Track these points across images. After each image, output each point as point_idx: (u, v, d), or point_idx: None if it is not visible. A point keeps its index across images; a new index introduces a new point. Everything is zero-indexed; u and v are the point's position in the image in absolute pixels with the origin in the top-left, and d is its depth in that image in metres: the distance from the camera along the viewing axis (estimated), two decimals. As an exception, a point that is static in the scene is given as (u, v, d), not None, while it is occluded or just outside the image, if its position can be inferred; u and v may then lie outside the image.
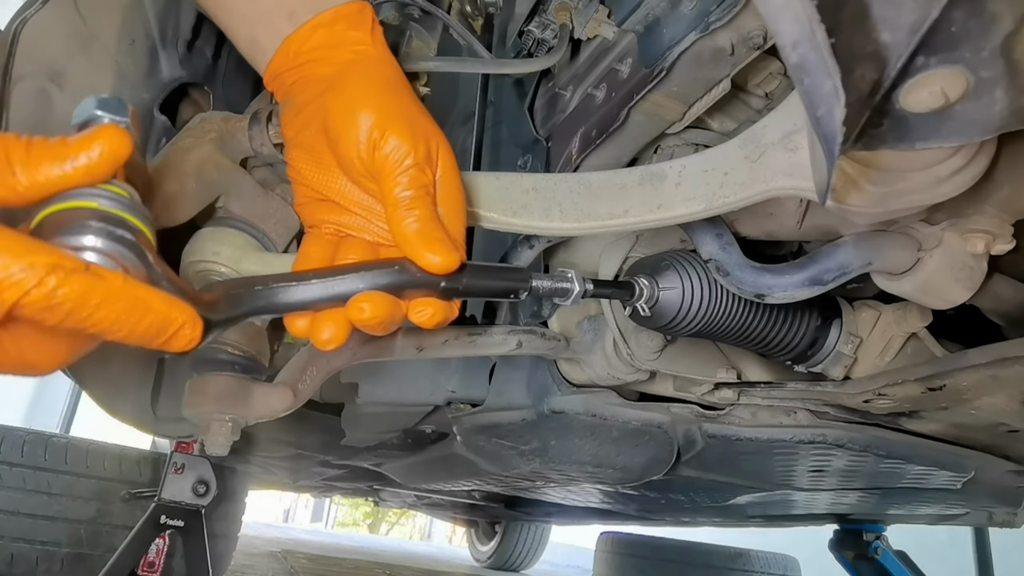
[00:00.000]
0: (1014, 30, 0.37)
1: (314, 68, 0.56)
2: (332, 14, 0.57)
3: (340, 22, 0.57)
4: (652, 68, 0.65)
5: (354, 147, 0.52)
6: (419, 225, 0.51)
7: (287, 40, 0.56)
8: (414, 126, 0.53)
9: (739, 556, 3.05)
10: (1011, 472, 1.05)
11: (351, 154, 0.52)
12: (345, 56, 0.56)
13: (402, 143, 0.52)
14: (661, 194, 0.62)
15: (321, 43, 0.56)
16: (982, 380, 0.71)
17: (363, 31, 0.57)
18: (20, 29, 0.69)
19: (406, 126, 0.52)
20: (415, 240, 0.50)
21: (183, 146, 0.78)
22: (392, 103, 0.54)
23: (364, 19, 0.58)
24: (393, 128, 0.52)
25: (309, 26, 0.56)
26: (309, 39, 0.56)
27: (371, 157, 0.52)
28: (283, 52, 0.57)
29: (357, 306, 0.49)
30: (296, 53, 0.56)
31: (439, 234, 0.51)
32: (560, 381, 0.95)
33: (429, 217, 0.51)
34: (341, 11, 0.57)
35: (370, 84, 0.54)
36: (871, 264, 0.67)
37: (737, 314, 0.77)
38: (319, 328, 0.50)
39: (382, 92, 0.54)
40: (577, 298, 0.59)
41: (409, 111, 0.54)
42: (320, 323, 0.50)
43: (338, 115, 0.53)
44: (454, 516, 4.38)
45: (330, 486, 2.87)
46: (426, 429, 1.34)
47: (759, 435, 0.96)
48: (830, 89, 0.35)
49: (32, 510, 1.90)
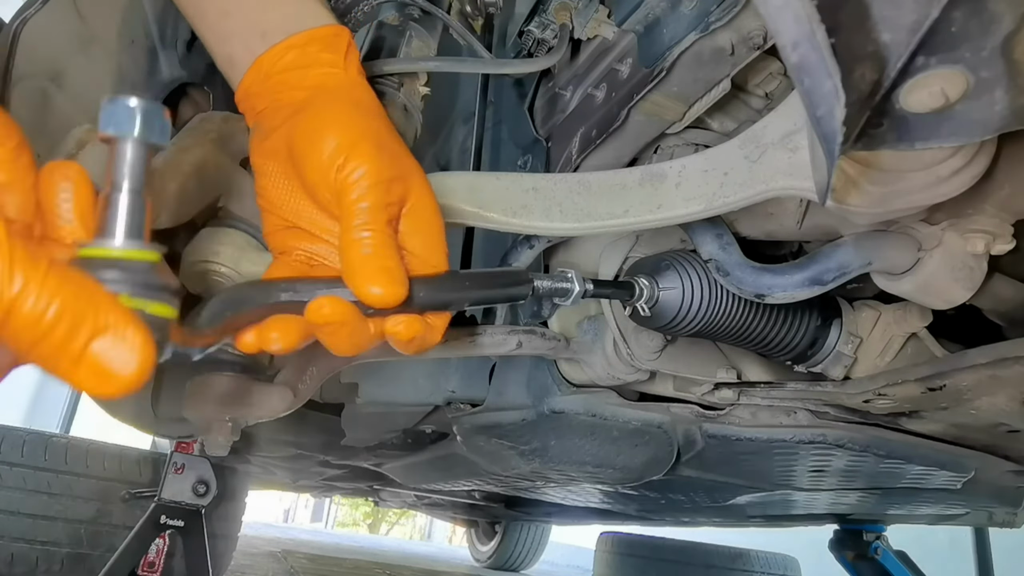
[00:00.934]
0: (1014, 30, 0.37)
1: (284, 91, 0.55)
2: (306, 36, 0.56)
3: (314, 44, 0.56)
4: (652, 68, 0.65)
5: (319, 171, 0.50)
6: (367, 249, 0.48)
7: (259, 59, 0.55)
8: (381, 150, 0.51)
9: (739, 556, 3.05)
10: (1011, 472, 1.05)
11: (315, 178, 0.50)
12: (315, 78, 0.55)
13: (365, 164, 0.49)
14: (661, 194, 0.62)
15: (293, 64, 0.55)
16: (982, 380, 0.71)
17: (337, 54, 0.56)
18: (20, 29, 0.69)
19: (372, 148, 0.50)
20: (357, 267, 0.47)
21: (183, 146, 0.78)
22: (359, 125, 0.52)
23: (339, 42, 0.57)
24: (358, 150, 0.50)
25: (282, 46, 0.55)
26: (281, 59, 0.55)
27: (335, 180, 0.49)
28: (255, 71, 0.56)
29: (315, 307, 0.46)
30: (267, 73, 0.55)
31: (386, 261, 0.48)
32: (560, 381, 0.95)
33: (380, 241, 0.48)
34: (316, 33, 0.56)
35: (338, 107, 0.53)
36: (871, 264, 0.67)
37: (737, 314, 0.77)
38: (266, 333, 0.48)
39: (349, 115, 0.52)
40: (577, 298, 0.59)
41: (379, 134, 0.52)
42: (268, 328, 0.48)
43: (304, 137, 0.51)
44: (454, 516, 4.38)
45: (330, 486, 2.87)
46: (426, 429, 1.34)
47: (759, 435, 0.96)
48: (830, 89, 0.35)
49: (32, 510, 1.90)
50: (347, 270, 0.47)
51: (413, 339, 0.51)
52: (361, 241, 0.48)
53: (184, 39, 0.87)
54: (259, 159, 0.56)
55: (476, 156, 1.00)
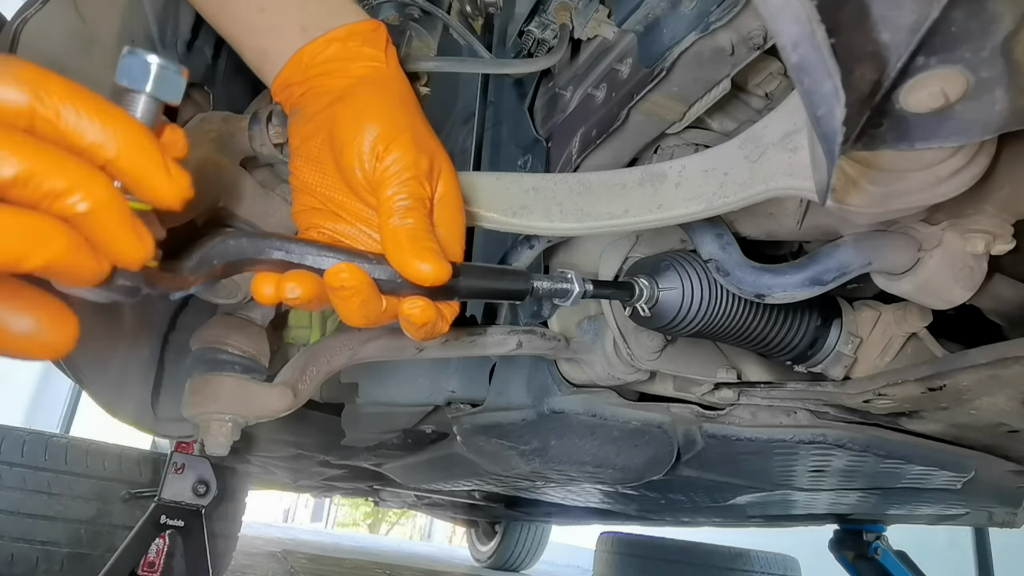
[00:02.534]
0: (1014, 30, 0.37)
1: (325, 80, 0.57)
2: (347, 30, 0.57)
3: (355, 38, 0.57)
4: (652, 68, 0.65)
5: (357, 157, 0.52)
6: (412, 233, 0.51)
7: (299, 52, 0.57)
8: (419, 142, 0.54)
9: (739, 556, 3.05)
10: (1011, 472, 1.05)
11: (353, 164, 0.53)
12: (359, 70, 0.57)
13: (404, 156, 0.52)
14: (661, 194, 0.62)
15: (335, 56, 0.57)
16: (982, 380, 0.71)
17: (377, 48, 0.58)
18: (20, 29, 0.69)
19: (411, 141, 0.53)
20: (406, 246, 0.50)
21: (183, 146, 0.78)
22: (400, 118, 0.54)
23: (379, 37, 0.59)
24: (398, 141, 0.52)
25: (323, 39, 0.57)
26: (323, 52, 0.57)
27: (373, 168, 0.52)
28: (294, 63, 0.57)
29: (335, 270, 0.48)
30: (308, 65, 0.57)
31: (431, 244, 0.51)
32: (560, 381, 0.95)
33: (423, 227, 0.51)
34: (356, 28, 0.58)
35: (380, 98, 0.55)
36: (871, 264, 0.67)
37: (737, 314, 0.77)
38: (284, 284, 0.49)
39: (391, 106, 0.55)
40: (577, 299, 0.59)
41: (416, 128, 0.55)
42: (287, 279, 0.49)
43: (345, 125, 0.54)
44: (454, 516, 4.38)
45: (330, 486, 2.87)
46: (426, 429, 1.34)
47: (759, 435, 0.96)
48: (830, 89, 0.35)
49: (32, 510, 1.90)
50: (395, 249, 0.50)
51: (425, 324, 0.53)
52: (406, 224, 0.50)
53: (184, 39, 0.87)
54: (297, 141, 0.58)
55: (476, 156, 1.00)
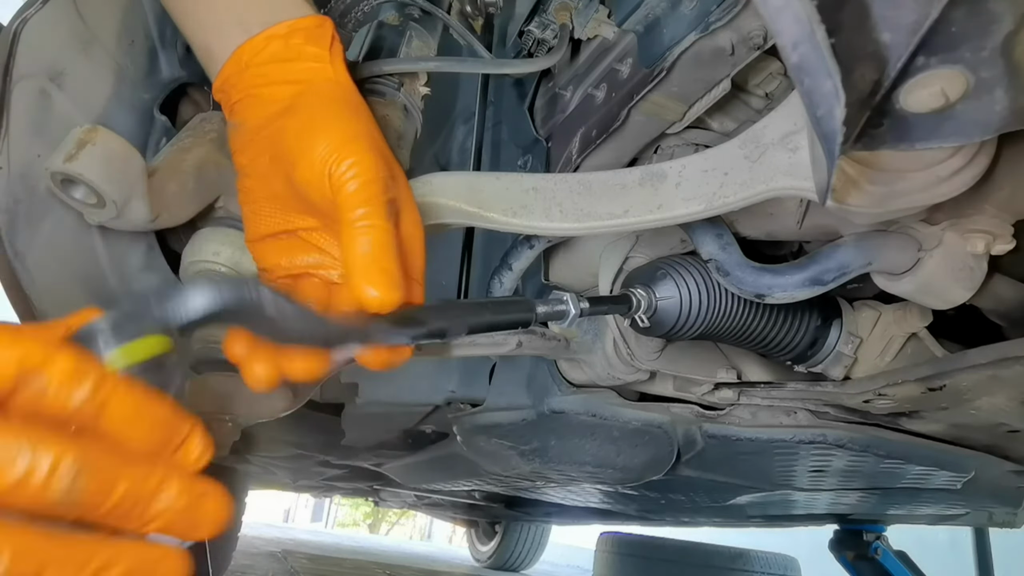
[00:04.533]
0: (1014, 30, 0.37)
1: (265, 86, 0.52)
2: (288, 26, 0.53)
3: (297, 35, 0.53)
4: (652, 68, 0.65)
5: (310, 169, 0.47)
6: (367, 248, 0.45)
7: (239, 49, 0.53)
8: (376, 147, 0.49)
9: (739, 556, 3.05)
10: (1011, 472, 1.05)
11: (307, 177, 0.48)
12: (301, 73, 0.52)
13: (361, 161, 0.47)
14: (661, 194, 0.62)
15: (275, 56, 0.52)
16: (982, 380, 0.70)
17: (321, 47, 0.53)
18: (20, 29, 0.69)
19: (368, 146, 0.48)
20: (354, 266, 0.45)
21: (183, 146, 0.78)
22: (352, 123, 0.50)
23: (323, 34, 0.54)
24: (352, 147, 0.47)
25: (263, 37, 0.52)
26: (262, 51, 0.52)
27: (328, 178, 0.47)
28: (233, 62, 0.53)
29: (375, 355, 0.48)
30: (247, 64, 0.52)
31: (386, 264, 0.46)
32: (560, 381, 0.95)
33: (381, 242, 0.46)
34: (298, 24, 0.53)
35: (329, 105, 0.51)
36: (871, 264, 0.67)
37: (737, 316, 0.77)
38: (251, 363, 0.45)
39: (342, 112, 0.50)
40: (574, 320, 0.58)
41: (371, 133, 0.50)
42: (253, 359, 0.45)
43: (294, 140, 0.49)
44: (454, 516, 4.38)
45: (330, 486, 2.87)
46: (426, 429, 1.34)
47: (759, 435, 0.96)
48: (830, 89, 0.35)
49: (32, 510, 1.90)
50: (345, 268, 0.46)
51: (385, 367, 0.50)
52: (360, 238, 0.45)
53: (184, 39, 0.87)
54: (244, 159, 0.54)
55: (476, 156, 1.00)
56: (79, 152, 0.66)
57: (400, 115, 0.73)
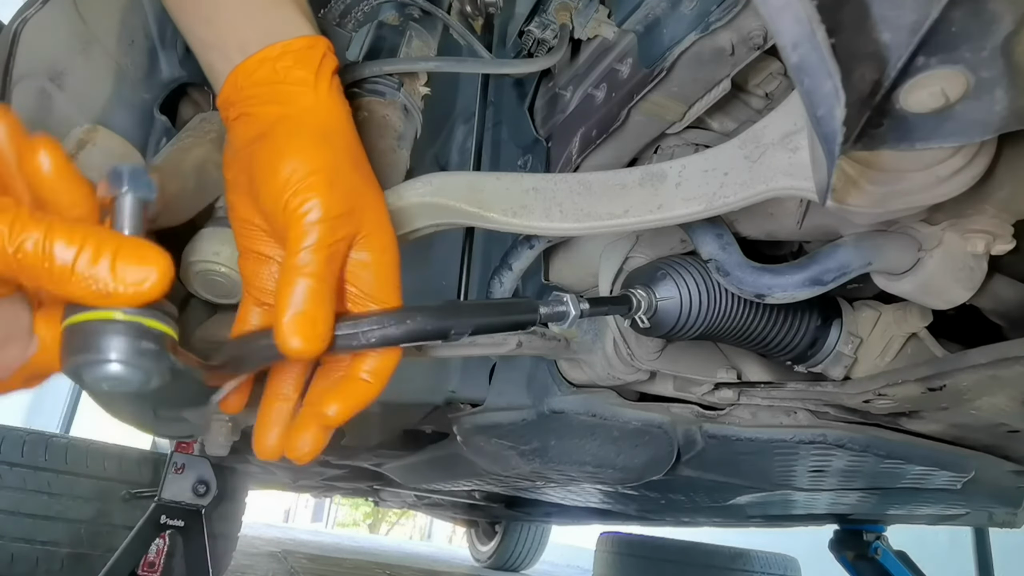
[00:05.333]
0: (1014, 30, 0.37)
1: (254, 107, 0.53)
2: (280, 48, 0.53)
3: (286, 57, 0.53)
4: (652, 68, 0.65)
5: (271, 199, 0.48)
6: (299, 297, 0.46)
7: (234, 71, 0.53)
8: (333, 184, 0.49)
9: (739, 556, 3.05)
10: (1011, 472, 1.05)
11: (268, 207, 0.49)
12: (282, 99, 0.53)
13: (313, 199, 0.47)
14: (661, 194, 0.62)
15: (264, 79, 0.53)
16: (982, 380, 0.70)
17: (308, 70, 0.53)
18: (20, 29, 0.69)
19: (323, 182, 0.48)
20: (281, 314, 0.45)
21: (183, 146, 0.78)
22: (317, 156, 0.50)
23: (312, 55, 0.54)
24: (307, 183, 0.48)
25: (256, 59, 0.53)
26: (254, 73, 0.53)
27: (283, 213, 0.48)
28: (230, 84, 0.54)
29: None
30: (241, 86, 0.53)
31: (314, 314, 0.46)
32: (560, 381, 0.95)
33: (314, 291, 0.46)
34: (290, 46, 0.53)
35: (298, 133, 0.51)
36: (871, 264, 0.67)
37: (737, 316, 0.77)
38: (297, 435, 0.51)
39: (306, 145, 0.50)
40: (574, 321, 0.58)
41: (334, 167, 0.50)
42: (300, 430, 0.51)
43: (262, 167, 0.50)
44: (454, 516, 4.38)
45: (330, 486, 2.87)
46: (426, 429, 1.34)
47: (759, 435, 0.96)
48: (830, 89, 0.35)
49: (32, 510, 1.90)
50: (276, 311, 0.46)
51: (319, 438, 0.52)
52: (294, 285, 0.46)
53: (184, 39, 0.87)
54: (229, 175, 0.55)
55: (476, 156, 1.00)
56: (79, 152, 0.67)
57: (400, 115, 0.73)
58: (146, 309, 0.38)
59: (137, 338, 0.37)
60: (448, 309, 0.51)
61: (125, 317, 0.37)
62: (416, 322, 0.49)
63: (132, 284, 0.36)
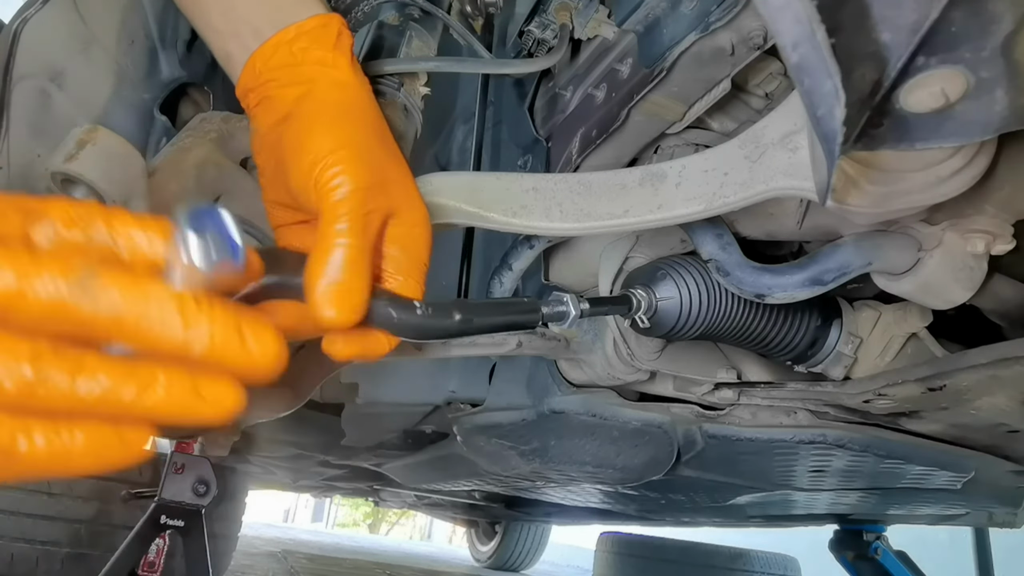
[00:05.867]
0: (1014, 30, 0.37)
1: (274, 90, 0.54)
2: (295, 30, 0.54)
3: (301, 39, 0.54)
4: (652, 68, 0.65)
5: (300, 177, 0.48)
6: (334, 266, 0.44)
7: (251, 57, 0.54)
8: (361, 156, 0.49)
9: (739, 556, 3.05)
10: (1011, 472, 1.05)
11: (298, 185, 0.49)
12: (302, 79, 0.53)
13: (341, 171, 0.47)
14: (661, 194, 0.62)
15: (281, 62, 0.53)
16: (982, 380, 0.71)
17: (325, 48, 0.54)
18: (20, 29, 0.69)
19: (351, 154, 0.48)
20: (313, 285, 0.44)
21: (183, 146, 0.78)
22: (342, 130, 0.50)
23: (327, 34, 0.54)
24: (335, 157, 0.48)
25: (271, 43, 0.53)
26: (271, 57, 0.54)
27: (315, 188, 0.47)
28: (248, 69, 0.54)
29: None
30: (260, 71, 0.54)
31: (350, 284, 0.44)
32: (560, 381, 0.95)
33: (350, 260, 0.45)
34: (304, 27, 0.54)
35: (323, 110, 0.51)
36: (871, 264, 0.67)
37: (737, 316, 0.77)
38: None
39: (334, 118, 0.51)
40: (574, 321, 0.58)
41: (360, 141, 0.50)
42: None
43: (289, 146, 0.50)
44: (454, 516, 4.38)
45: (330, 486, 2.87)
46: (426, 429, 1.34)
47: (759, 435, 0.96)
48: (830, 89, 0.35)
49: (32, 510, 1.90)
50: (309, 282, 0.45)
51: (349, 356, 0.50)
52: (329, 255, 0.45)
53: (184, 39, 0.87)
54: (259, 161, 0.56)
55: (476, 156, 1.00)
56: (79, 152, 0.67)
57: (400, 115, 0.73)
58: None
59: None
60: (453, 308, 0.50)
61: None
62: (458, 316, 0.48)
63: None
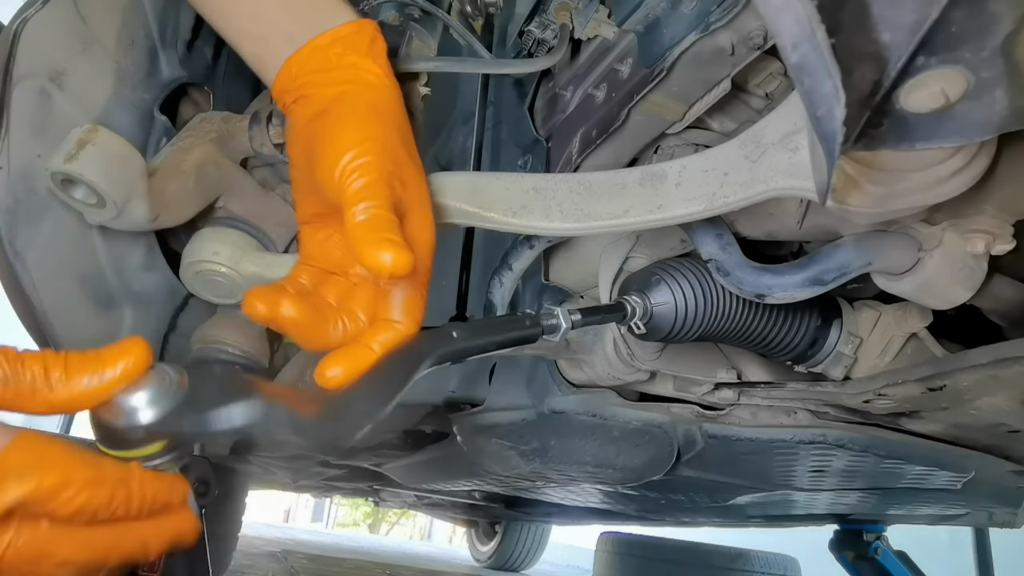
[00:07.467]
0: (1014, 30, 0.37)
1: (310, 90, 0.57)
2: (330, 36, 0.57)
3: (336, 45, 0.57)
4: (652, 68, 0.65)
5: (325, 169, 0.52)
6: (371, 224, 0.48)
7: (287, 62, 0.57)
8: (386, 148, 0.53)
9: (739, 556, 3.05)
10: (1011, 472, 1.05)
11: (323, 177, 0.52)
12: (338, 82, 0.56)
13: (369, 159, 0.51)
14: (661, 194, 0.62)
15: (317, 67, 0.56)
16: (982, 380, 0.70)
17: (358, 54, 0.57)
18: (21, 29, 0.69)
19: (378, 147, 0.52)
20: (362, 238, 0.47)
21: (183, 146, 0.78)
22: (369, 127, 0.53)
23: (360, 40, 0.58)
24: (363, 147, 0.51)
25: (307, 49, 0.56)
26: (307, 62, 0.57)
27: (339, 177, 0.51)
28: (284, 74, 0.57)
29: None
30: (296, 75, 0.57)
31: (391, 235, 0.48)
32: (560, 381, 0.95)
33: (384, 218, 0.48)
34: (338, 33, 0.57)
35: (353, 109, 0.54)
36: (871, 264, 0.67)
37: (735, 317, 0.77)
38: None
39: (363, 116, 0.54)
40: (565, 334, 0.59)
41: (386, 136, 0.54)
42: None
43: (319, 140, 0.53)
44: (454, 516, 4.38)
45: (330, 486, 2.87)
46: (426, 429, 1.34)
47: (759, 435, 0.96)
48: (830, 89, 0.35)
49: (32, 510, 1.89)
50: (354, 243, 0.48)
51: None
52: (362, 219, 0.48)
53: (184, 39, 0.87)
54: (292, 152, 0.59)
55: (476, 156, 1.00)
56: (79, 152, 0.67)
57: (418, 103, 0.74)
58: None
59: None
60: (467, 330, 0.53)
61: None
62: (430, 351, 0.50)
63: None
